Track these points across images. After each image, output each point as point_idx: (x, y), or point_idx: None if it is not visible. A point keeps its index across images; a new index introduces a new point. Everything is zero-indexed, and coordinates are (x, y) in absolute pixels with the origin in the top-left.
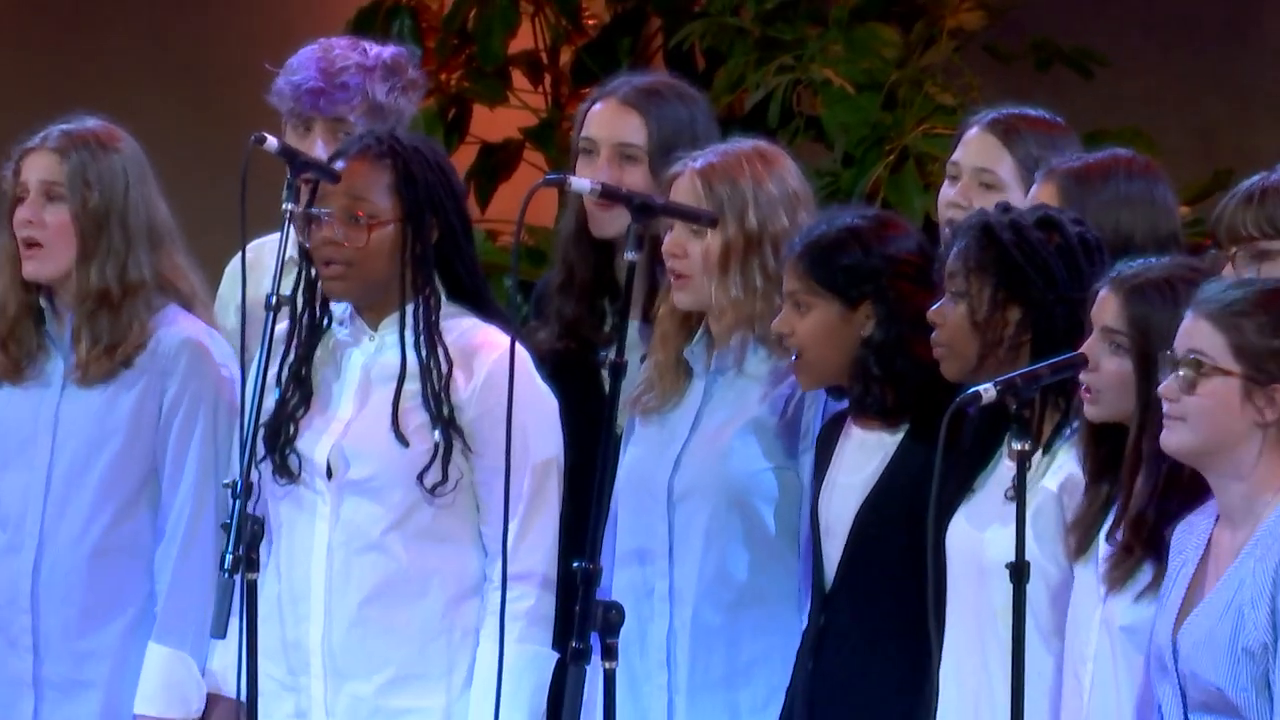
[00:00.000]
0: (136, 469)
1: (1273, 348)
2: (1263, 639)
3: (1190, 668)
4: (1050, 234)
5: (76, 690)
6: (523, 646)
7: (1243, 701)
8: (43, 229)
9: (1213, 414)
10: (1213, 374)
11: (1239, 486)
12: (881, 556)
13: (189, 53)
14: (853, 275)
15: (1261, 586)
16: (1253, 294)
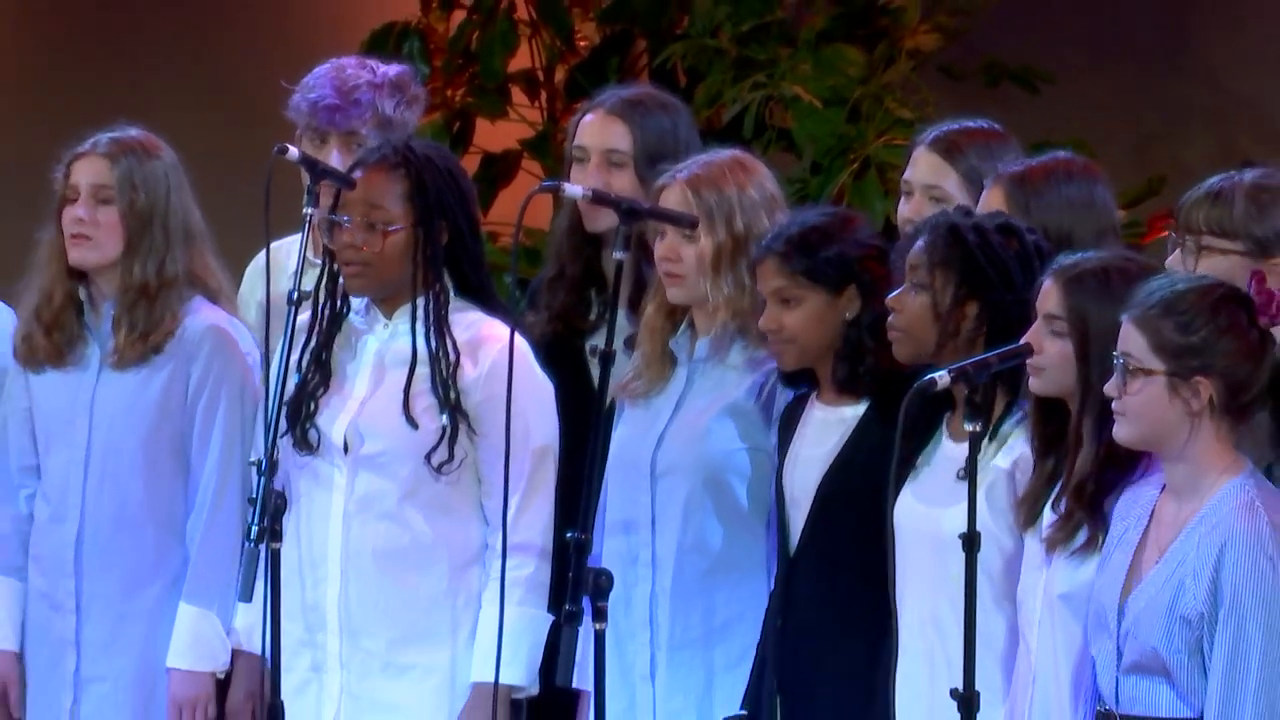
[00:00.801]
0: (167, 446)
1: (1190, 344)
2: (1200, 609)
3: (1131, 630)
4: (1010, 239)
5: (115, 648)
6: (522, 609)
7: (1175, 663)
8: (95, 227)
9: (1146, 408)
10: (1139, 373)
11: (1184, 467)
12: (841, 524)
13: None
14: (835, 265)
15: (1205, 561)
16: (1170, 296)
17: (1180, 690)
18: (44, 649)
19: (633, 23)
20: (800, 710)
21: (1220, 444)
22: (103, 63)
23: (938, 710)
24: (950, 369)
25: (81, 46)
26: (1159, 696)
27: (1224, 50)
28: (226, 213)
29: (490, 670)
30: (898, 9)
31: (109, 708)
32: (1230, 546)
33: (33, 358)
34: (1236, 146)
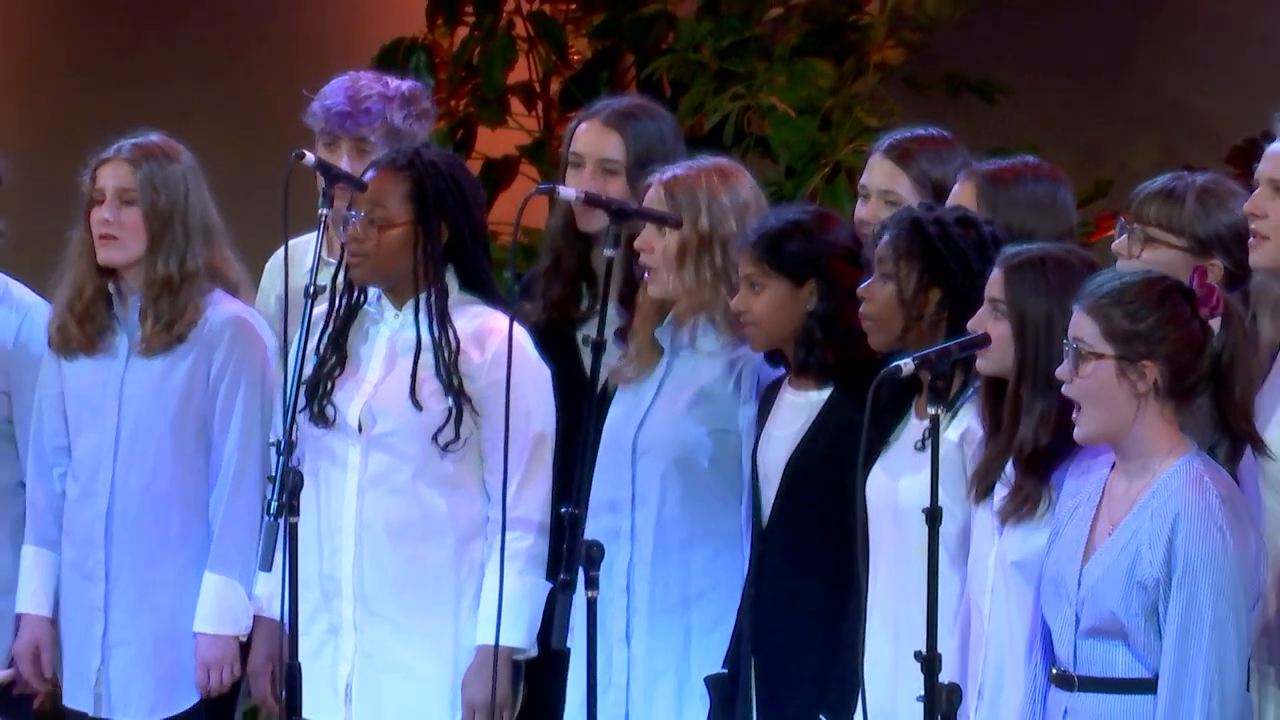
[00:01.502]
0: (191, 427)
1: (1137, 331)
2: (1156, 575)
3: (1090, 596)
4: (968, 230)
5: (141, 614)
6: (522, 579)
7: (1132, 626)
8: (119, 227)
9: (1097, 391)
10: (1090, 357)
11: (1134, 447)
12: (807, 499)
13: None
14: (799, 259)
15: (1159, 531)
16: (1120, 287)
17: (1136, 651)
18: (75, 615)
19: (622, 39)
20: (773, 669)
21: (1166, 425)
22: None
23: (900, 668)
24: (915, 356)
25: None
26: (1116, 658)
27: (1165, 64)
28: (247, 212)
29: (492, 634)
30: (866, 26)
31: (134, 669)
32: (1183, 518)
33: (65, 346)
34: (1177, 152)
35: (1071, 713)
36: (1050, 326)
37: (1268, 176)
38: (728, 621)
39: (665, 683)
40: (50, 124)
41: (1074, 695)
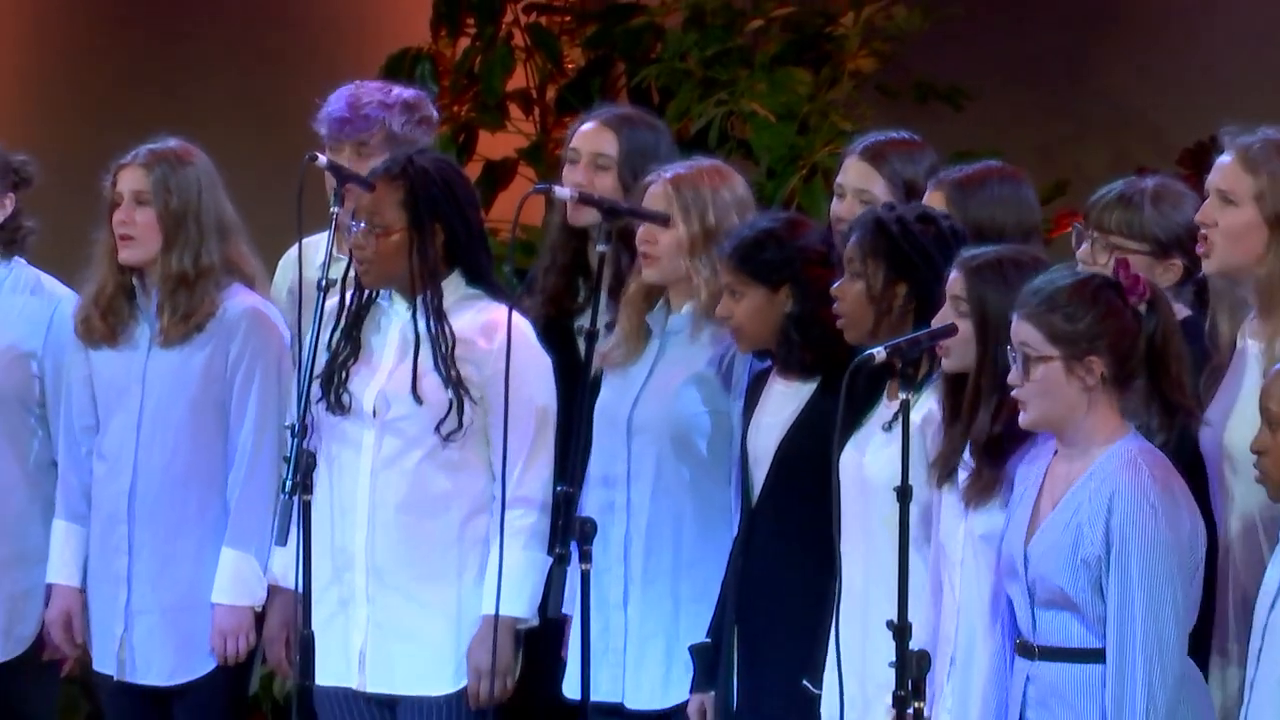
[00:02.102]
0: (209, 412)
1: (1079, 330)
2: (1097, 552)
3: (1038, 573)
4: (927, 226)
5: (161, 585)
6: (525, 554)
7: (1081, 600)
8: (135, 227)
9: (1048, 391)
10: (1039, 361)
11: (1079, 433)
12: (795, 481)
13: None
14: (773, 266)
15: (1097, 510)
16: (1054, 291)
17: (1088, 623)
18: (101, 585)
19: (613, 49)
20: (755, 639)
21: (1109, 411)
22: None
23: (871, 636)
24: (886, 345)
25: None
26: (1071, 629)
27: (1118, 71)
28: (264, 210)
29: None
30: (840, 36)
31: (155, 636)
32: (1117, 497)
33: (90, 337)
34: (1129, 154)
35: (1033, 680)
36: (1009, 324)
37: (1216, 187)
38: (714, 592)
39: (655, 646)
40: (79, 130)
41: (1035, 664)
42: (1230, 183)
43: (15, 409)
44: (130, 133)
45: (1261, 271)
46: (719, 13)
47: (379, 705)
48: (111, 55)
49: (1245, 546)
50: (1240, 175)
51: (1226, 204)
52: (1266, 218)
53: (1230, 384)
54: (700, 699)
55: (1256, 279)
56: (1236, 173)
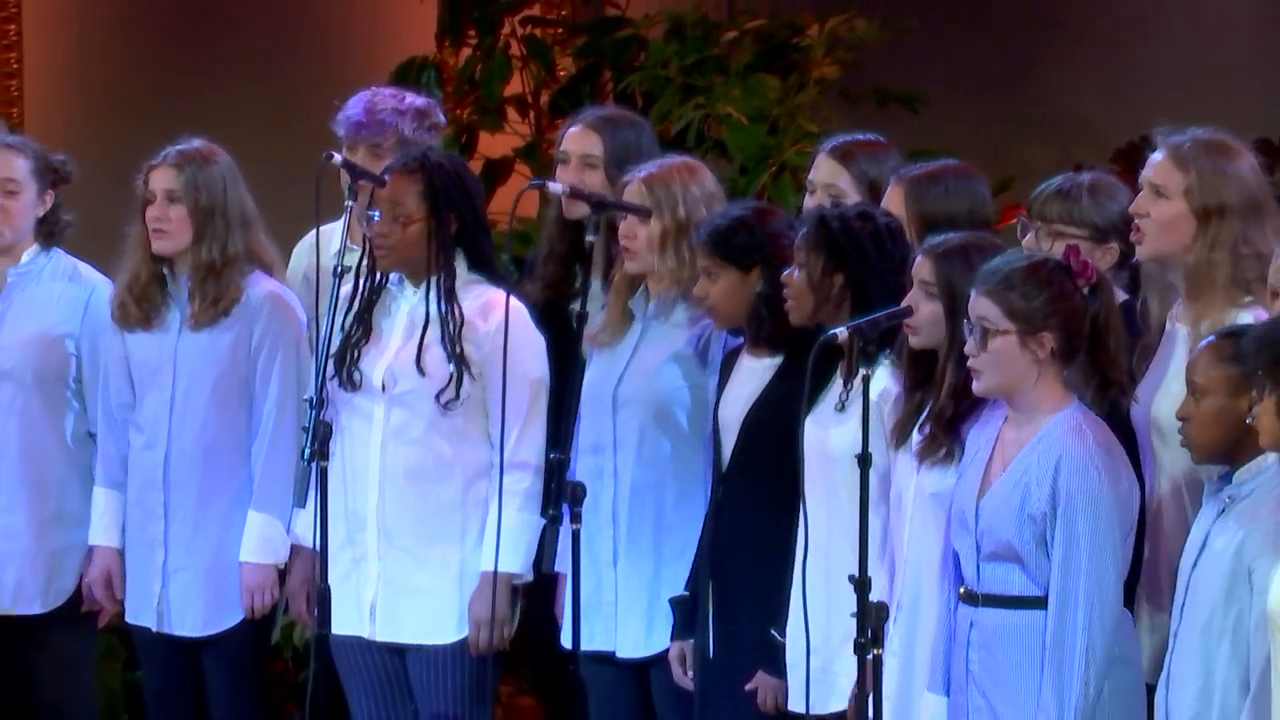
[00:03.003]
0: (235, 388)
1: (1034, 307)
2: (1043, 509)
3: (987, 526)
4: (865, 223)
5: (194, 546)
6: (520, 515)
7: (1025, 551)
8: (168, 222)
9: (1002, 362)
10: (996, 334)
11: (1027, 401)
12: (760, 448)
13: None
14: (744, 250)
15: (1045, 471)
16: (1011, 271)
17: (1030, 573)
18: (139, 547)
19: (601, 58)
20: (728, 592)
21: (1056, 383)
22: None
23: (834, 589)
24: (848, 326)
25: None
26: (1013, 578)
27: (1058, 78)
28: (284, 204)
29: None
30: (807, 46)
31: (189, 593)
32: (1064, 460)
33: (126, 321)
34: (1069, 152)
35: (976, 625)
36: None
37: (1149, 181)
38: (693, 550)
39: (640, 600)
40: (114, 130)
41: (978, 610)
42: (1162, 177)
43: (54, 386)
44: (161, 134)
45: (1189, 260)
46: (697, 25)
47: (389, 653)
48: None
49: (1171, 508)
50: (1171, 171)
51: (1158, 196)
52: (1194, 210)
53: (1159, 362)
54: (680, 646)
55: (1185, 266)
56: (1168, 168)
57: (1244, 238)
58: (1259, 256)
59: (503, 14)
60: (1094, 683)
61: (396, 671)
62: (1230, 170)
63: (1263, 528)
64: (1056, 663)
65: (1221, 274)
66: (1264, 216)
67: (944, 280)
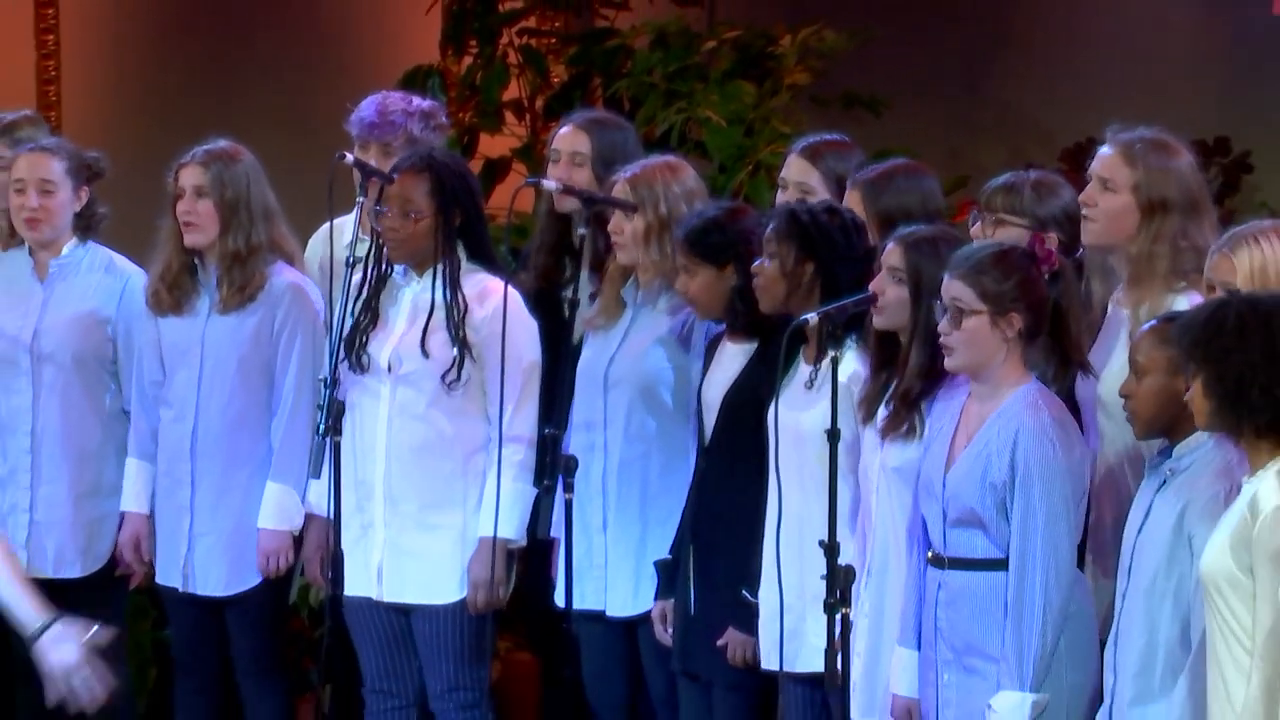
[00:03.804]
0: (257, 368)
1: (1004, 290)
2: (1003, 478)
3: (953, 494)
4: (833, 218)
5: (218, 513)
6: (515, 485)
7: (988, 518)
8: (198, 215)
9: (974, 340)
10: (969, 315)
11: (990, 377)
12: (739, 425)
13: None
14: (718, 248)
15: (1005, 443)
16: (983, 257)
17: (992, 537)
18: (167, 513)
19: (591, 65)
20: (708, 556)
21: (1017, 361)
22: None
23: (806, 554)
24: (817, 311)
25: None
26: (976, 542)
27: (1010, 84)
28: (300, 198)
29: (493, 525)
30: (780, 55)
31: (213, 555)
32: (1021, 433)
33: (159, 307)
34: (1020, 152)
35: (943, 586)
36: (939, 290)
37: (1096, 174)
38: (677, 517)
39: (627, 564)
40: (146, 131)
41: (945, 572)
42: (1110, 171)
43: (93, 367)
44: (188, 134)
45: (1133, 249)
46: (679, 36)
47: (395, 612)
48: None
49: (1114, 478)
50: (1120, 166)
51: (1106, 189)
52: (1140, 204)
53: (1102, 342)
54: (662, 605)
55: (1128, 255)
56: (1117, 163)
57: (1183, 232)
58: (1196, 250)
59: (501, 25)
60: (1051, 636)
61: (402, 629)
62: (1173, 168)
63: (1201, 498)
64: (1016, 619)
65: (1162, 264)
66: (1201, 213)
67: (912, 267)
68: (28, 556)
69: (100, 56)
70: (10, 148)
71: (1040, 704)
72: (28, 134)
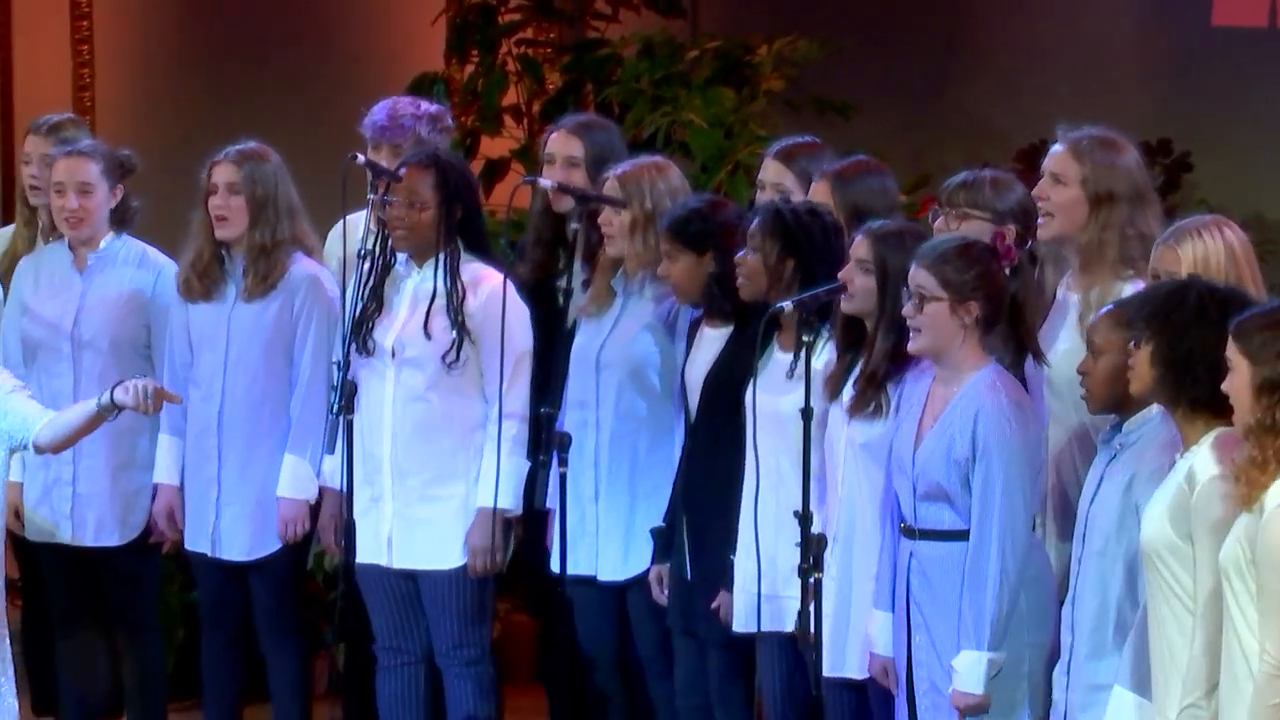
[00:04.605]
0: (278, 351)
1: (965, 280)
2: (965, 454)
3: (921, 471)
4: (814, 218)
5: (242, 484)
6: (511, 458)
7: (953, 492)
8: (229, 210)
9: (935, 325)
10: (931, 301)
11: (951, 361)
12: (720, 404)
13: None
14: (698, 237)
15: (966, 422)
16: (947, 249)
17: (958, 510)
18: (196, 484)
19: (584, 73)
20: (699, 525)
21: (977, 346)
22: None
23: (782, 523)
24: (792, 300)
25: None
26: (944, 515)
27: (969, 89)
28: (318, 195)
29: (492, 497)
30: (757, 63)
31: (238, 523)
32: (981, 413)
33: (189, 294)
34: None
35: (915, 555)
36: (903, 280)
37: (1049, 171)
38: (663, 489)
39: (616, 532)
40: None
41: (916, 543)
42: (1061, 167)
43: (128, 351)
44: (212, 135)
45: (1083, 238)
46: (664, 46)
47: (403, 577)
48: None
49: (1064, 452)
50: (1070, 162)
51: (1057, 183)
52: (1089, 196)
53: (1053, 325)
54: (658, 569)
55: (1078, 244)
56: (1067, 160)
57: (1130, 221)
58: (1142, 238)
59: (501, 36)
60: (1007, 600)
61: (410, 592)
62: (1119, 163)
63: (1147, 469)
64: (975, 584)
65: (1110, 252)
66: (1147, 204)
67: (879, 258)
68: (71, 527)
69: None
70: (56, 146)
71: (997, 662)
72: (70, 134)
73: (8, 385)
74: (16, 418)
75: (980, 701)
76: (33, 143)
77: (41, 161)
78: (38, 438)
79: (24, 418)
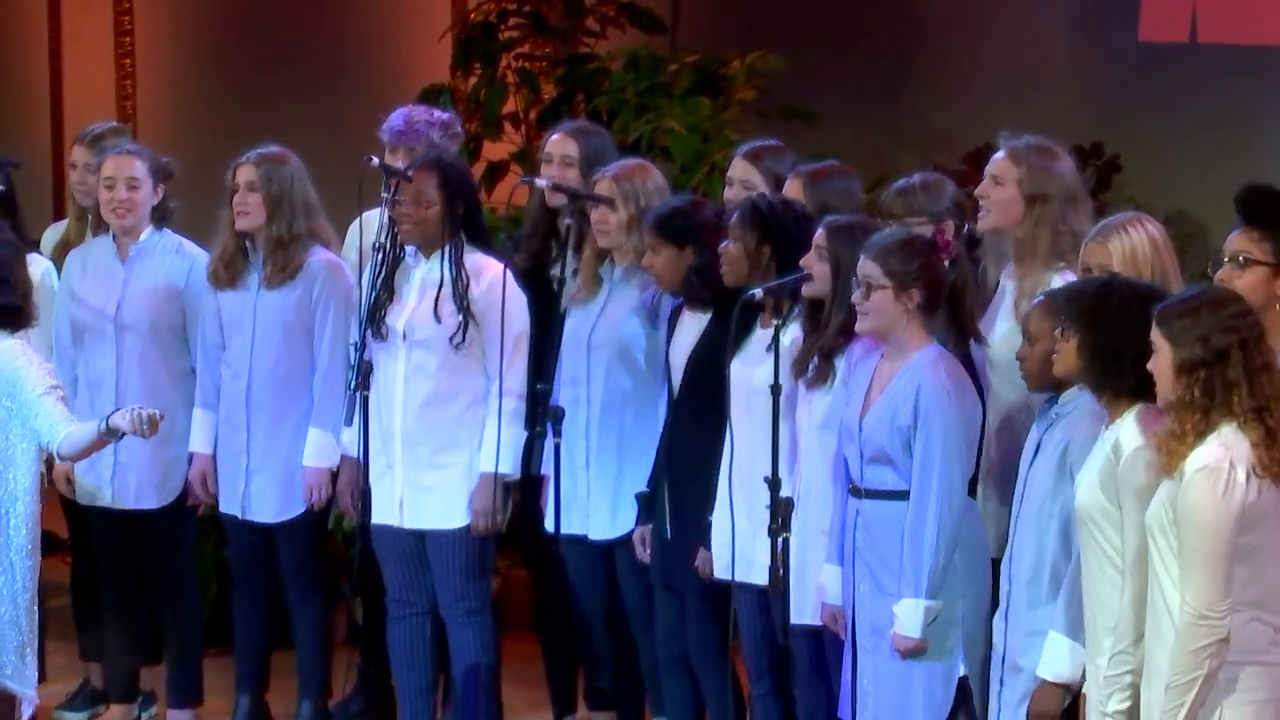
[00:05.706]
0: (300, 334)
1: (907, 270)
2: (908, 422)
3: (867, 437)
4: (788, 210)
5: (269, 454)
6: (510, 429)
7: (895, 455)
8: (248, 206)
9: (880, 309)
10: (876, 289)
11: (895, 340)
12: (700, 382)
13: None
14: (679, 232)
15: (909, 394)
16: (895, 242)
17: (901, 472)
18: (227, 454)
19: (576, 84)
20: (680, 490)
21: (920, 328)
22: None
23: (754, 488)
24: (763, 287)
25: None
26: (888, 477)
27: (921, 97)
28: (336, 193)
29: (493, 464)
30: (731, 75)
31: (266, 490)
32: (923, 386)
33: (217, 283)
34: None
35: (861, 514)
36: (855, 267)
37: (990, 173)
38: (648, 458)
39: (605, 496)
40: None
41: (862, 502)
42: (1000, 170)
43: (166, 334)
44: (243, 141)
45: (1019, 234)
46: (648, 60)
47: (413, 537)
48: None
49: (1001, 425)
50: (1008, 165)
51: (996, 184)
52: (1024, 196)
53: (993, 312)
54: (642, 530)
55: (1015, 238)
56: (1006, 164)
57: (1062, 218)
58: (1073, 234)
59: (501, 51)
60: (944, 554)
61: (418, 550)
62: (1054, 168)
63: (1080, 437)
64: (915, 539)
65: (1043, 245)
66: (1078, 203)
67: (833, 248)
68: (113, 491)
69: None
70: (98, 155)
71: (933, 610)
72: (112, 142)
73: (44, 385)
74: (46, 421)
75: (918, 644)
76: (78, 152)
77: (85, 169)
78: (60, 447)
79: (52, 423)
